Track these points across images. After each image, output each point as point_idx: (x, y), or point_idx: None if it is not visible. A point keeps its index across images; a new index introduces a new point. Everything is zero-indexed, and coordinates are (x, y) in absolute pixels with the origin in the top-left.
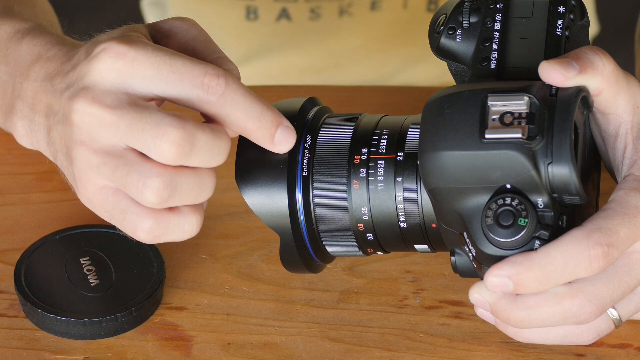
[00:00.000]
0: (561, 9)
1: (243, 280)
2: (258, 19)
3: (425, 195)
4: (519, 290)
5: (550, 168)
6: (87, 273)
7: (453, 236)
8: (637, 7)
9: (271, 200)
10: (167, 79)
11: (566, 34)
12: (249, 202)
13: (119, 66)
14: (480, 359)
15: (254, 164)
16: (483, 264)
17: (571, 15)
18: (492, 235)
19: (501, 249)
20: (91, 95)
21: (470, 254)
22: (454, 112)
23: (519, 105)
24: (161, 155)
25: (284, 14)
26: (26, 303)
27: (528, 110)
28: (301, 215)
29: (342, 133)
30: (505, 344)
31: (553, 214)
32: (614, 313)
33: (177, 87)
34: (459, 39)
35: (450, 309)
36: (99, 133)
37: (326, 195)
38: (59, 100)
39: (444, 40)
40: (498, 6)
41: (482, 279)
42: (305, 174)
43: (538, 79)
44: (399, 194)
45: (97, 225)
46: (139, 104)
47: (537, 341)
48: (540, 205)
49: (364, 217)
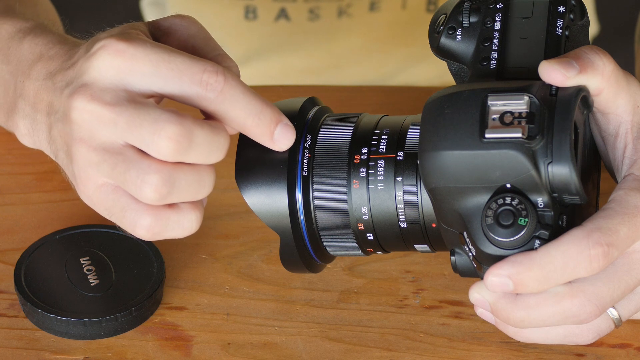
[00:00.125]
0: (561, 9)
1: (243, 280)
2: (257, 18)
3: (425, 194)
4: (519, 290)
5: (550, 168)
6: (87, 273)
7: (453, 236)
8: (637, 7)
9: (271, 200)
10: (166, 76)
11: (566, 33)
12: (249, 202)
13: (118, 63)
14: (480, 359)
15: (254, 164)
16: (483, 263)
17: (571, 15)
18: (492, 235)
19: (501, 248)
20: (90, 92)
21: (470, 254)
22: (454, 112)
23: (519, 104)
24: (159, 152)
25: (283, 14)
26: (26, 303)
27: (528, 110)
28: (301, 215)
29: (342, 133)
30: (505, 344)
31: (553, 213)
32: (614, 313)
33: (176, 84)
34: (459, 38)
35: (450, 309)
36: (97, 130)
37: (326, 194)
38: (59, 98)
39: (444, 40)
40: (498, 6)
41: (482, 278)
42: (305, 173)
43: (538, 78)
44: (399, 194)
45: (97, 225)
46: (138, 101)
47: (537, 341)
48: (540, 204)
49: (364, 217)
